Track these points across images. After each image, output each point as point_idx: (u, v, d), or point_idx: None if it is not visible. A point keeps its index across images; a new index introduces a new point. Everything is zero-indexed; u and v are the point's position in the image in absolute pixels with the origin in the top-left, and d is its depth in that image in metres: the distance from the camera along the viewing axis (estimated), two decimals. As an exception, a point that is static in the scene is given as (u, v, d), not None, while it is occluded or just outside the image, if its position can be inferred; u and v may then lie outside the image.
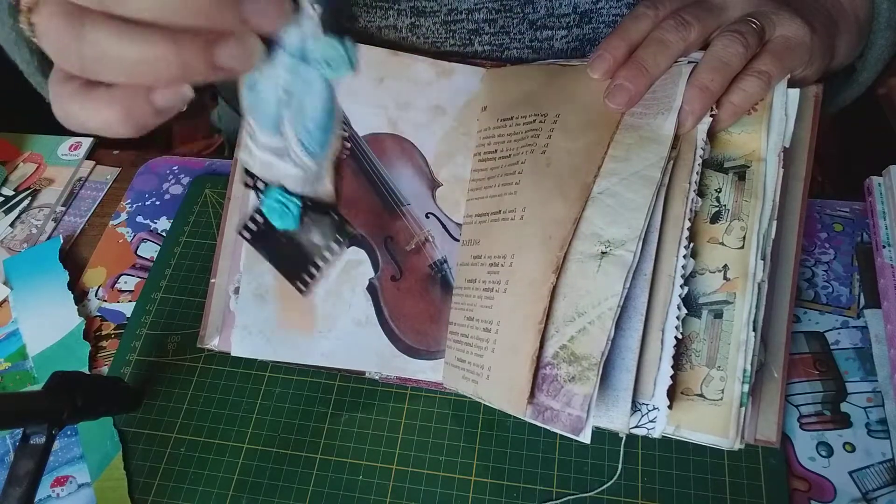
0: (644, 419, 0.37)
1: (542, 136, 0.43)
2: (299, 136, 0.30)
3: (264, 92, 0.29)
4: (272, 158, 0.31)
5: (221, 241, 0.47)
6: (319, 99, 0.29)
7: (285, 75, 0.29)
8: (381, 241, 0.45)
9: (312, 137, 0.30)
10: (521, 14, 0.50)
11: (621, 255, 0.37)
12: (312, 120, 0.30)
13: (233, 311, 0.44)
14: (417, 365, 0.44)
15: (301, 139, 0.30)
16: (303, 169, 0.31)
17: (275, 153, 0.31)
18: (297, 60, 0.28)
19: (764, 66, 0.39)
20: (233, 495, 0.43)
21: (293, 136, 0.30)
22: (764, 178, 0.39)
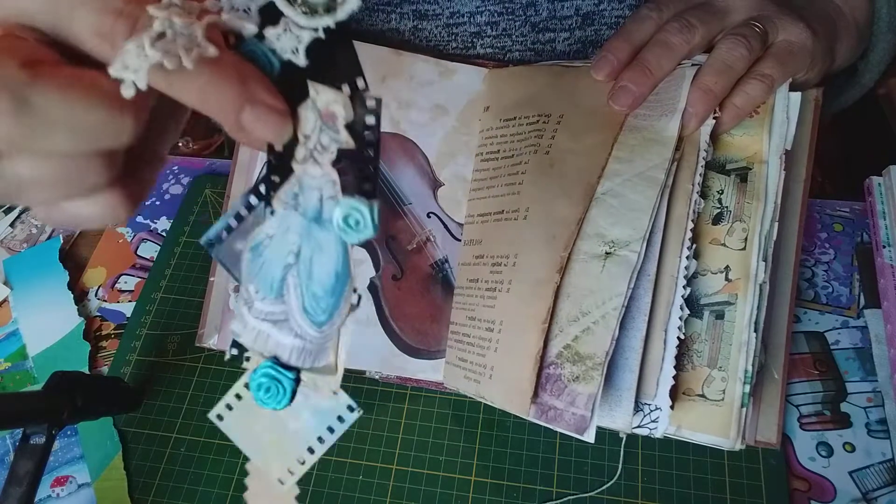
0: (646, 419, 0.37)
1: (545, 137, 0.43)
2: (304, 303, 0.27)
3: (270, 256, 0.27)
4: (268, 328, 0.28)
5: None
6: (332, 262, 0.26)
7: (296, 237, 0.26)
8: (383, 241, 0.45)
9: (319, 304, 0.27)
10: (523, 16, 0.50)
11: (626, 255, 0.37)
12: (321, 285, 0.26)
13: (232, 310, 0.44)
14: (418, 365, 0.44)
15: (306, 307, 0.27)
16: (303, 339, 0.27)
17: (272, 322, 0.27)
18: (310, 222, 0.26)
19: (767, 70, 0.39)
20: (233, 495, 0.43)
21: (297, 304, 0.27)
22: (766, 181, 0.39)
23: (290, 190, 0.26)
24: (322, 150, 0.24)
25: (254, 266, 0.27)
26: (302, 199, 0.26)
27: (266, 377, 0.27)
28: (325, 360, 0.27)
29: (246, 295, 0.28)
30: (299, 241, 0.26)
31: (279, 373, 0.27)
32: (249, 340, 0.28)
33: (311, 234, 0.26)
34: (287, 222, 0.26)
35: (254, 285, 0.27)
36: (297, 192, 0.26)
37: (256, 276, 0.27)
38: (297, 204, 0.26)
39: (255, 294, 0.27)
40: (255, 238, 0.27)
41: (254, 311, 0.27)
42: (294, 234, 0.26)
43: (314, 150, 0.25)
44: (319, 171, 0.25)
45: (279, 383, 0.27)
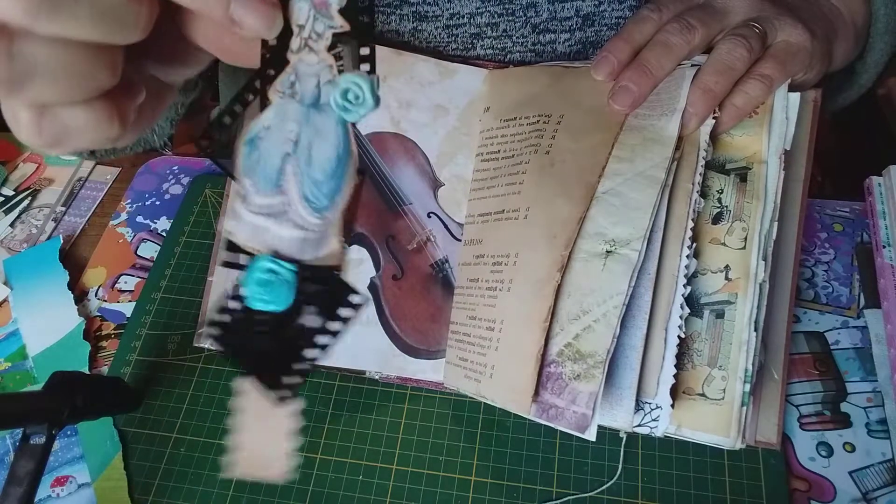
0: (647, 418, 0.37)
1: (545, 137, 0.43)
2: (304, 190, 0.26)
3: (267, 147, 0.26)
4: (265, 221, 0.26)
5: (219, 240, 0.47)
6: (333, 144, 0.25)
7: (293, 125, 0.25)
8: (383, 240, 0.45)
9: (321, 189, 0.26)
10: (523, 17, 0.50)
11: (626, 254, 0.37)
12: (322, 169, 0.26)
13: None
14: (418, 364, 0.44)
15: (306, 194, 0.26)
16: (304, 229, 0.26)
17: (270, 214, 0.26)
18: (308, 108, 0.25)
19: (766, 70, 0.40)
20: (233, 495, 0.43)
21: (297, 193, 0.26)
22: (765, 180, 0.39)
23: (286, 79, 0.25)
24: (317, 37, 0.24)
25: (250, 160, 0.26)
26: (299, 87, 0.25)
27: (264, 271, 0.26)
28: (327, 248, 0.26)
29: (241, 189, 0.26)
30: (297, 129, 0.25)
31: (279, 265, 0.26)
32: (245, 237, 0.27)
33: (309, 119, 0.25)
34: (284, 111, 0.25)
35: (250, 180, 0.26)
36: (294, 80, 0.25)
37: (253, 169, 0.26)
38: (294, 92, 0.25)
39: (252, 188, 0.26)
40: (251, 131, 0.26)
41: (250, 205, 0.26)
42: (292, 122, 0.25)
43: (309, 39, 0.24)
44: (315, 58, 0.25)
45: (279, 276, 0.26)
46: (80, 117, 0.24)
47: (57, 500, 0.44)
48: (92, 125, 0.24)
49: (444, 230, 0.46)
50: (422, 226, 0.46)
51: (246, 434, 0.29)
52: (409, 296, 0.44)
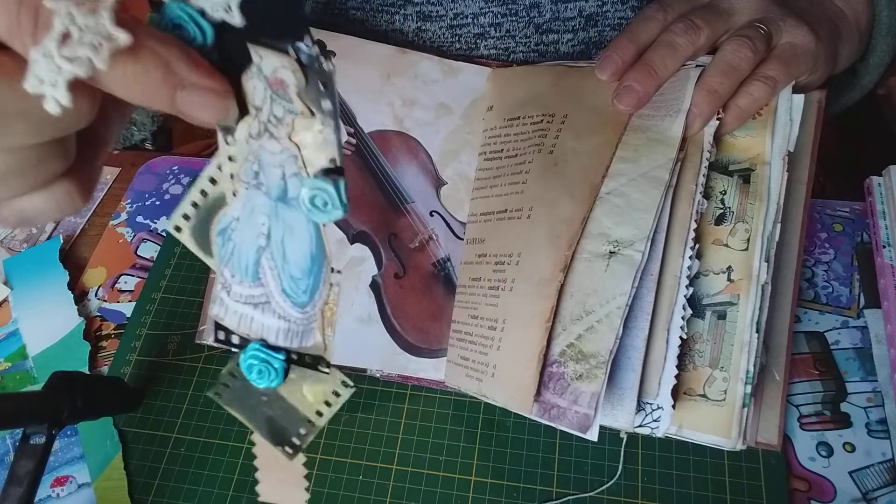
0: (648, 418, 0.37)
1: (549, 137, 0.43)
2: (283, 284, 0.25)
3: (240, 240, 0.25)
4: (250, 311, 0.26)
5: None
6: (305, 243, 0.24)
7: (263, 218, 0.24)
8: (385, 239, 0.45)
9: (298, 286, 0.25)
10: (526, 18, 0.50)
11: (630, 254, 0.37)
12: (298, 267, 0.25)
13: None
14: (419, 363, 0.44)
15: (285, 288, 0.25)
16: (287, 320, 0.26)
17: (253, 305, 0.26)
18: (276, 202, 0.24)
19: (771, 72, 0.40)
20: (233, 495, 0.43)
21: (276, 287, 0.25)
22: (768, 182, 0.40)
23: (249, 169, 0.24)
24: (277, 122, 0.22)
25: (224, 251, 0.26)
26: (264, 178, 0.23)
27: (255, 359, 0.26)
28: (312, 340, 0.26)
29: (223, 279, 0.26)
30: (268, 223, 0.24)
31: (268, 354, 0.26)
32: (233, 324, 0.27)
33: (278, 214, 0.24)
34: (252, 203, 0.24)
35: (228, 270, 0.26)
36: (258, 170, 0.23)
37: (229, 260, 0.26)
38: (260, 183, 0.24)
39: (232, 278, 0.26)
40: (221, 222, 0.25)
41: (233, 294, 0.26)
42: (260, 214, 0.24)
43: (268, 123, 0.22)
44: (278, 146, 0.22)
45: (269, 364, 0.26)
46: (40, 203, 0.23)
47: (57, 500, 0.44)
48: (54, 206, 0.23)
49: (447, 229, 0.46)
50: (424, 224, 0.46)
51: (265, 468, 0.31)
52: (410, 294, 0.44)
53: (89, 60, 0.18)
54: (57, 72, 0.18)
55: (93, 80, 0.19)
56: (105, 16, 0.18)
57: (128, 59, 0.19)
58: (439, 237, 0.46)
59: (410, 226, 0.46)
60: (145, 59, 0.20)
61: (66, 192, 0.23)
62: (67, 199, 0.23)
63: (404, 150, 0.47)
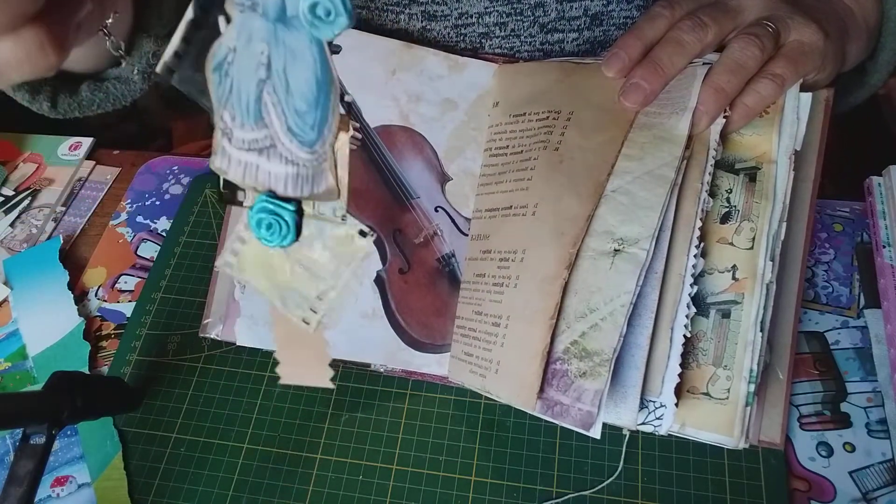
0: (651, 416, 0.37)
1: (555, 133, 0.43)
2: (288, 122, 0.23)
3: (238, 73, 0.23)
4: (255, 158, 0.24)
5: (226, 228, 0.47)
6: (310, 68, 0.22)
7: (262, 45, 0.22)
8: (390, 234, 0.45)
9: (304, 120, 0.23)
10: (531, 17, 0.50)
11: (635, 252, 0.37)
12: (303, 97, 0.23)
13: (237, 301, 0.44)
14: (423, 358, 0.44)
15: (290, 125, 0.23)
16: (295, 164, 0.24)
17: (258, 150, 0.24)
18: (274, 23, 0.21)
19: (778, 70, 0.40)
20: (233, 495, 0.43)
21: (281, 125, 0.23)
22: (774, 180, 0.39)
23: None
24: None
25: (222, 89, 0.23)
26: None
27: (264, 212, 0.24)
28: (324, 185, 0.24)
29: (222, 124, 0.24)
30: (267, 49, 0.22)
31: (277, 206, 0.24)
32: (238, 177, 0.25)
33: (278, 37, 0.22)
34: (248, 28, 0.22)
35: (228, 112, 0.24)
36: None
37: (228, 100, 0.23)
38: (255, 3, 0.22)
39: (232, 122, 0.24)
40: (216, 55, 0.23)
41: (235, 141, 0.24)
42: (259, 41, 0.22)
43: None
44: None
45: (279, 217, 0.24)
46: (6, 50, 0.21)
47: (57, 500, 0.44)
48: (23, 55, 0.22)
49: (452, 225, 0.46)
50: (429, 220, 0.46)
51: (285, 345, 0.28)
52: (415, 289, 0.45)
53: None
54: None
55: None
56: None
57: None
58: (444, 233, 0.46)
59: (415, 221, 0.46)
60: None
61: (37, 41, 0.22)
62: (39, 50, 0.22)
63: (410, 146, 0.47)
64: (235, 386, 0.47)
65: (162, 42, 0.48)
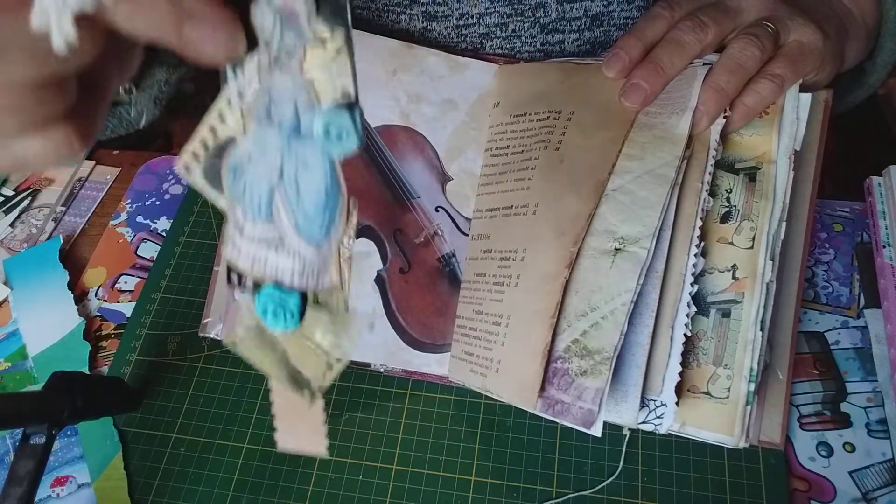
0: (651, 415, 0.37)
1: (555, 133, 0.43)
2: (297, 222, 0.25)
3: (252, 177, 0.24)
4: (264, 252, 0.26)
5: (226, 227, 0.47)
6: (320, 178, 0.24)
7: (276, 154, 0.23)
8: (391, 233, 0.45)
9: (313, 222, 0.24)
10: (532, 18, 0.50)
11: (635, 251, 0.37)
12: (312, 202, 0.24)
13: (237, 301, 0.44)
14: (423, 358, 0.44)
15: (299, 225, 0.25)
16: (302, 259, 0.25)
17: (266, 244, 0.25)
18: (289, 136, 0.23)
19: (778, 70, 0.40)
20: (233, 495, 0.43)
21: (289, 224, 0.25)
22: (774, 180, 0.40)
23: (260, 104, 0.23)
24: (288, 54, 0.21)
25: (236, 188, 0.25)
26: (275, 112, 0.23)
27: (270, 300, 0.26)
28: (328, 280, 0.25)
29: (234, 219, 0.25)
30: (280, 159, 0.23)
31: (283, 294, 0.25)
32: (247, 267, 0.26)
33: (291, 148, 0.23)
34: (264, 139, 0.23)
35: (240, 208, 0.25)
36: (269, 104, 0.23)
37: (241, 198, 0.25)
38: (272, 118, 0.23)
39: (244, 218, 0.25)
40: (233, 158, 0.24)
41: (246, 235, 0.25)
42: (274, 150, 0.23)
43: (279, 56, 0.22)
44: (289, 78, 0.22)
45: (284, 305, 0.26)
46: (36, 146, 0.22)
47: (57, 500, 0.44)
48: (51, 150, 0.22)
49: (452, 224, 0.46)
50: (429, 220, 0.46)
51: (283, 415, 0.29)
52: (415, 289, 0.45)
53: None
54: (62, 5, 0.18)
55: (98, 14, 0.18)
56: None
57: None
58: (444, 233, 0.46)
59: (416, 221, 0.46)
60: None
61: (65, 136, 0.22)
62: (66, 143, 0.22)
63: (410, 146, 0.47)
64: (235, 386, 0.47)
65: (174, 70, 0.48)
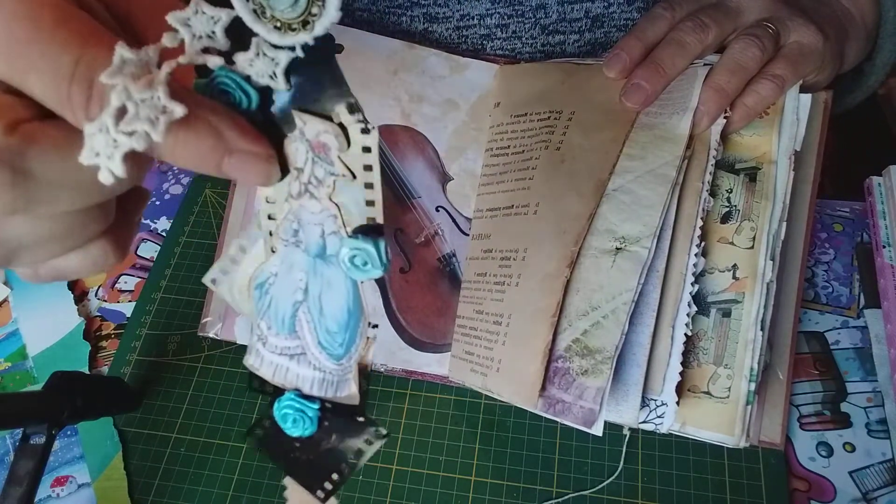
0: (652, 414, 0.38)
1: (556, 133, 0.43)
2: (319, 337, 0.26)
3: (277, 294, 0.26)
4: (286, 362, 0.27)
5: (226, 227, 0.47)
6: (342, 298, 0.25)
7: (301, 274, 0.25)
8: (391, 233, 0.45)
9: (335, 339, 0.25)
10: (532, 19, 0.50)
11: (636, 251, 0.37)
12: (335, 320, 0.25)
13: None
14: (423, 358, 0.44)
15: (321, 341, 0.26)
16: (322, 371, 0.26)
17: (289, 356, 0.27)
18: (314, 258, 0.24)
19: (778, 71, 0.40)
20: (233, 495, 0.43)
21: (312, 339, 0.26)
22: (774, 181, 0.40)
23: (288, 227, 0.24)
24: (318, 183, 0.22)
25: (261, 304, 0.26)
26: (303, 236, 0.24)
27: (290, 409, 0.27)
28: (347, 391, 0.26)
29: (258, 331, 0.27)
30: (305, 278, 0.25)
31: (302, 404, 0.27)
32: (268, 375, 0.27)
33: (316, 270, 0.24)
34: (290, 260, 0.25)
35: (265, 321, 0.26)
36: (297, 228, 0.24)
37: (266, 313, 0.26)
38: (298, 241, 0.24)
39: (268, 330, 0.26)
40: (259, 276, 0.26)
41: (269, 346, 0.27)
42: (299, 270, 0.25)
43: (309, 184, 0.23)
44: (318, 205, 0.23)
45: (303, 413, 0.27)
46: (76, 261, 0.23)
47: (57, 500, 0.44)
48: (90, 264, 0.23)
49: (453, 224, 0.46)
50: (430, 219, 0.46)
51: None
52: (415, 289, 0.45)
53: (146, 134, 0.18)
54: (113, 146, 0.18)
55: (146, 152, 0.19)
56: (161, 90, 0.18)
57: (181, 129, 0.19)
58: (445, 232, 0.46)
59: (416, 221, 0.46)
60: (198, 129, 0.20)
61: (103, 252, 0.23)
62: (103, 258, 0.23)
63: (411, 146, 0.47)
64: (235, 386, 0.47)
65: None
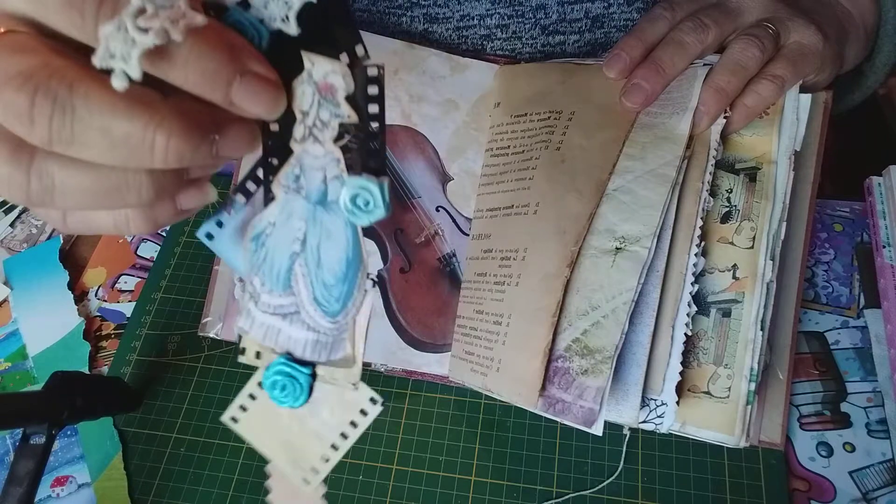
0: (652, 414, 0.37)
1: (556, 133, 0.43)
2: (315, 293, 0.25)
3: (274, 245, 0.25)
4: (278, 322, 0.26)
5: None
6: (342, 247, 0.24)
7: (300, 223, 0.24)
8: (391, 233, 0.45)
9: (331, 293, 0.25)
10: (533, 19, 0.50)
11: (636, 251, 0.37)
12: (332, 272, 0.24)
13: (237, 300, 0.44)
14: (423, 358, 0.44)
15: (317, 297, 0.25)
16: (316, 331, 0.25)
17: (282, 315, 0.26)
18: (315, 205, 0.24)
19: (778, 71, 0.40)
20: (233, 495, 0.43)
21: (307, 295, 0.25)
22: (774, 181, 0.40)
23: (290, 172, 0.24)
24: (322, 126, 0.22)
25: (256, 257, 0.25)
26: (304, 181, 0.24)
27: (280, 374, 0.26)
28: (341, 352, 0.25)
29: (251, 289, 0.26)
30: (304, 227, 0.24)
31: (294, 369, 0.26)
32: (259, 337, 0.26)
33: (316, 218, 0.24)
34: (290, 207, 0.24)
35: (258, 278, 0.25)
36: (299, 173, 0.24)
37: (260, 268, 0.25)
38: (300, 186, 0.24)
39: (261, 287, 0.26)
40: (256, 227, 0.25)
41: (261, 305, 0.26)
42: (298, 219, 0.24)
43: (313, 128, 0.23)
44: (321, 149, 0.23)
45: (294, 380, 0.26)
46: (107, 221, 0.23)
47: (57, 500, 0.44)
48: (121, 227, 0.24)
49: (453, 224, 0.46)
50: (430, 219, 0.46)
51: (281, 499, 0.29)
52: (415, 289, 0.45)
53: (164, 31, 0.18)
54: (131, 45, 0.18)
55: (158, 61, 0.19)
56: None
57: (198, 38, 0.19)
58: (445, 232, 0.46)
59: (416, 221, 0.46)
60: (214, 42, 0.20)
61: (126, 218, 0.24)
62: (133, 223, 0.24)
63: (411, 146, 0.47)
64: (235, 386, 0.47)
65: None
